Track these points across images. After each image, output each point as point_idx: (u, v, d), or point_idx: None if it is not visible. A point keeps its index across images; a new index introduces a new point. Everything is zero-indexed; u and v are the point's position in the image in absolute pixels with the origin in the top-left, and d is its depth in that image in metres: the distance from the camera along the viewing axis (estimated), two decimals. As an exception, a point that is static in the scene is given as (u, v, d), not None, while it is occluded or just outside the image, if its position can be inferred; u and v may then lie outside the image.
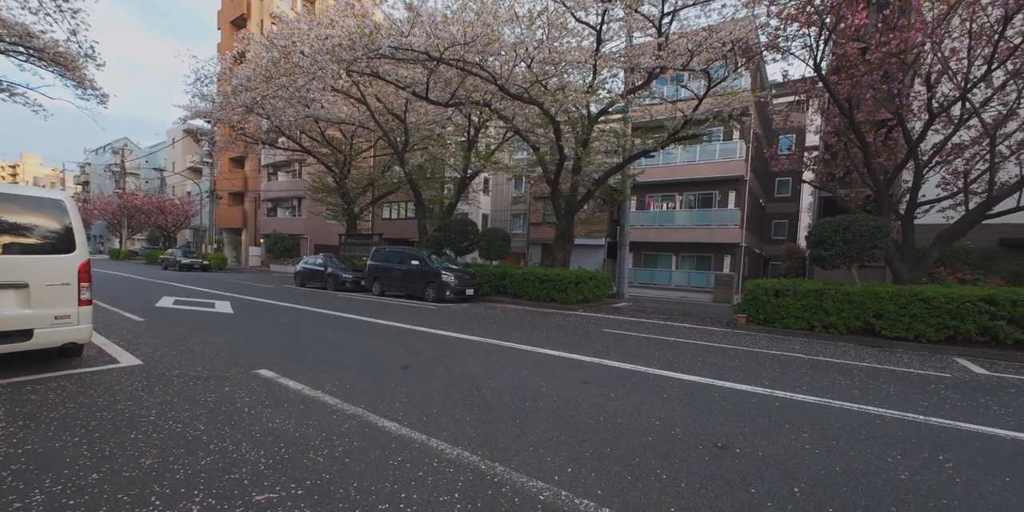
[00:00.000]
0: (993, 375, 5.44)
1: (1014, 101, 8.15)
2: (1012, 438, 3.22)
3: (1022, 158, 8.57)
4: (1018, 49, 7.19)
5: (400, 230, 28.00)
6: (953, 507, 2.23)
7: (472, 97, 10.69)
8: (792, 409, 3.73)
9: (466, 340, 6.40)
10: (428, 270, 12.45)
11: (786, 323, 8.58)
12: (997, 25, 7.11)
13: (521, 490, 2.25)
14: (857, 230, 8.19)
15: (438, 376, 4.38)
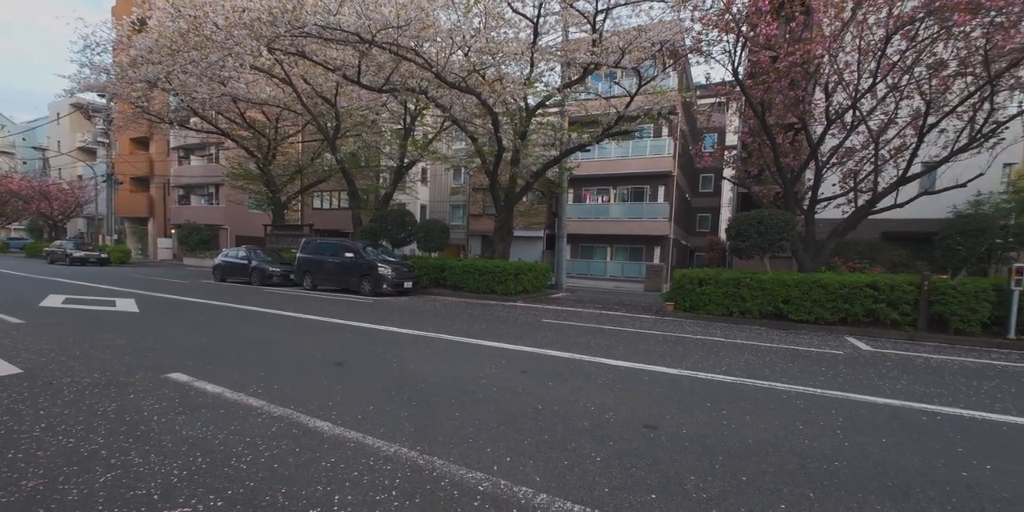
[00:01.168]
0: (876, 351, 6.24)
1: (892, 111, 9.29)
2: (887, 405, 3.72)
3: (899, 162, 9.82)
4: (895, 66, 8.20)
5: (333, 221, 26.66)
6: (843, 467, 2.54)
7: (408, 83, 10.34)
8: (713, 389, 4.04)
9: (404, 334, 6.25)
10: (364, 263, 11.99)
11: (709, 309, 9.26)
12: (880, 43, 8.04)
13: (460, 482, 2.24)
14: (769, 223, 8.98)
15: (375, 372, 4.24)
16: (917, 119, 9.09)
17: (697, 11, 8.12)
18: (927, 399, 3.90)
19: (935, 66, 8.28)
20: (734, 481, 2.34)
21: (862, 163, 10.47)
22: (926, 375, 4.82)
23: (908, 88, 8.82)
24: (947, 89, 8.60)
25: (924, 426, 3.23)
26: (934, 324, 7.63)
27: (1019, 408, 3.73)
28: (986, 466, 2.60)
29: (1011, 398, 4.03)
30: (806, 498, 2.20)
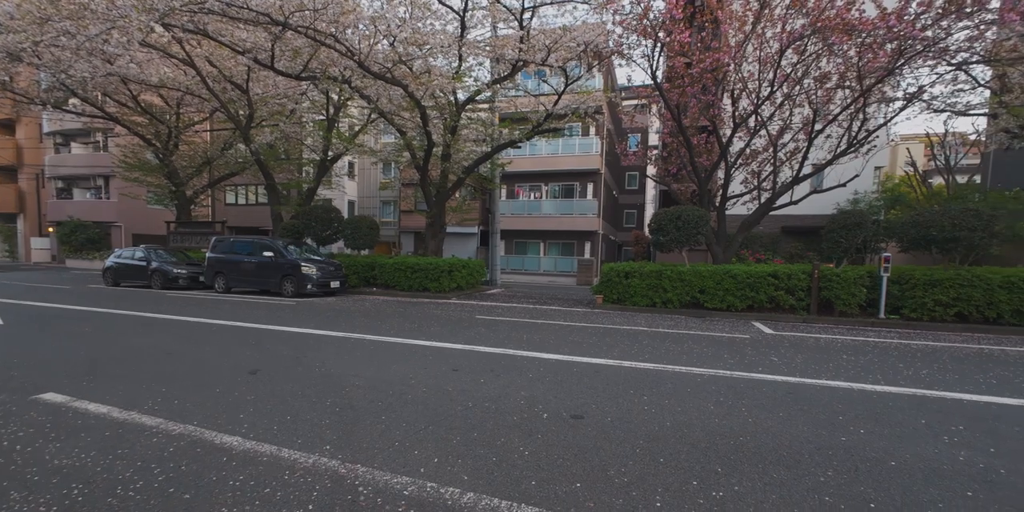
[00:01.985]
0: (777, 334, 6.93)
1: (788, 117, 10.34)
2: (784, 382, 4.14)
3: (793, 163, 10.94)
4: (788, 77, 9.12)
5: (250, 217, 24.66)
6: (747, 441, 2.77)
7: (329, 72, 9.75)
8: (636, 376, 4.25)
9: (330, 337, 5.92)
10: (285, 262, 11.21)
11: (635, 301, 9.76)
12: (776, 56, 8.89)
13: (384, 489, 2.15)
14: (686, 219, 9.63)
15: (294, 379, 3.97)
16: (807, 125, 10.17)
17: (617, 15, 8.46)
18: (816, 375, 4.38)
19: (820, 79, 9.32)
20: (653, 463, 2.47)
21: (764, 164, 11.55)
22: (816, 353, 5.43)
23: (800, 97, 9.86)
24: (830, 99, 9.72)
25: (813, 399, 3.63)
26: (823, 307, 8.63)
27: (887, 378, 4.31)
28: (860, 430, 2.97)
29: (880, 370, 4.66)
30: (715, 473, 2.37)
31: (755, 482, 2.28)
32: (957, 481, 2.31)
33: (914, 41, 7.98)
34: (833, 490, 2.21)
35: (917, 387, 3.99)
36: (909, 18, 7.77)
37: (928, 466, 2.47)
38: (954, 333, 7.33)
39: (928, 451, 2.66)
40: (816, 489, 2.22)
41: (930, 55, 8.41)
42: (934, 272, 7.97)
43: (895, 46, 8.14)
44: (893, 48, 8.18)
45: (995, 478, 2.35)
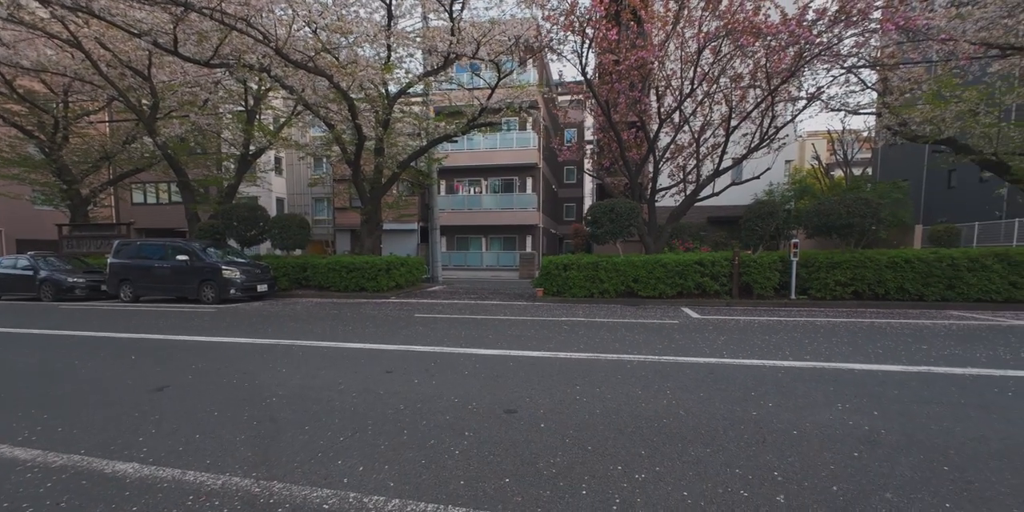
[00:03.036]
0: (702, 318, 7.38)
1: (708, 114, 10.99)
2: (706, 363, 4.40)
3: (714, 157, 11.67)
4: (707, 76, 9.68)
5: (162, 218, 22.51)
6: (669, 423, 2.91)
7: (245, 59, 9.02)
8: (570, 367, 4.34)
9: (253, 344, 5.52)
10: (204, 266, 10.32)
11: (574, 292, 9.99)
12: (695, 55, 9.40)
13: (302, 505, 2.02)
14: (619, 211, 9.97)
15: (208, 393, 3.65)
16: (725, 122, 10.87)
17: (545, 10, 8.54)
18: (734, 355, 4.71)
19: (734, 78, 9.97)
20: (581, 452, 2.52)
21: (688, 158, 12.22)
22: (736, 334, 5.84)
23: (718, 95, 10.50)
24: (744, 98, 10.44)
25: (731, 377, 3.89)
26: (743, 291, 9.32)
27: (794, 354, 4.72)
28: (769, 404, 3.22)
29: (789, 346, 5.09)
30: (639, 456, 2.46)
31: (675, 461, 2.39)
32: (846, 444, 2.56)
33: (812, 45, 8.74)
34: (743, 462, 2.37)
35: (818, 360, 4.40)
36: (807, 24, 8.49)
37: (824, 433, 2.72)
38: (851, 309, 8.20)
39: (824, 418, 2.93)
40: (729, 463, 2.37)
41: (825, 58, 9.25)
42: (834, 255, 8.85)
43: (796, 49, 8.87)
44: (795, 51, 8.91)
45: (877, 438, 2.63)
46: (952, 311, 7.81)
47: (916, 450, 2.47)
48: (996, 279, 8.00)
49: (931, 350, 4.81)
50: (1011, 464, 2.31)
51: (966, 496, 2.03)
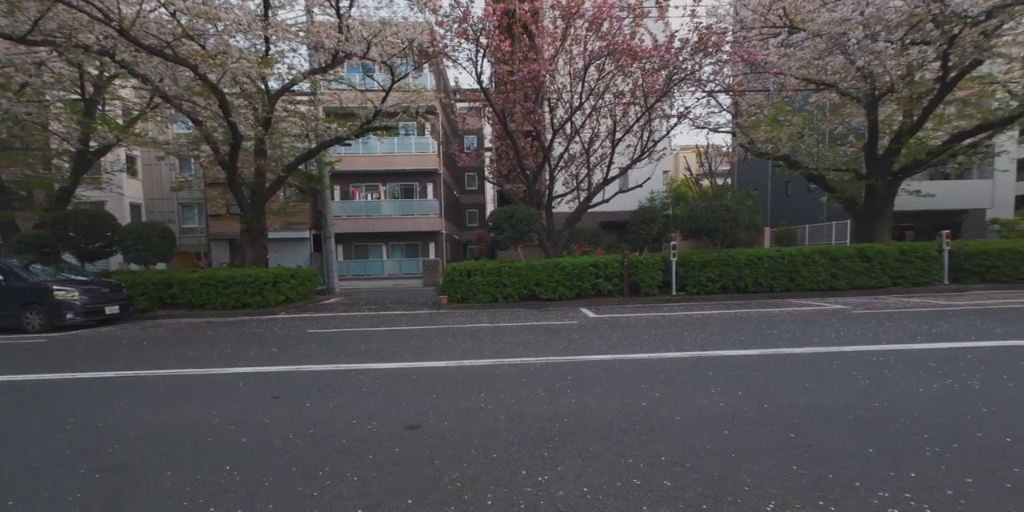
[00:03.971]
0: (599, 317, 7.86)
1: (596, 127, 11.84)
2: (601, 360, 4.68)
3: (603, 167, 12.56)
4: (593, 91, 10.42)
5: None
6: (570, 422, 3.02)
7: (79, 38, 7.58)
8: (475, 375, 4.31)
9: (98, 379, 4.61)
10: (25, 286, 8.43)
11: (478, 298, 10.01)
12: (582, 71, 10.08)
13: (160, 570, 1.70)
14: (519, 217, 10.25)
15: (30, 445, 2.95)
16: (611, 134, 11.80)
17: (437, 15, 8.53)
18: (626, 350, 5.08)
19: (617, 95, 10.88)
20: (486, 461, 2.50)
21: (580, 167, 13.03)
22: (627, 331, 6.31)
23: (604, 110, 11.36)
24: (626, 113, 11.43)
25: (623, 372, 4.18)
26: (633, 290, 10.13)
27: (676, 346, 5.23)
28: (656, 394, 3.51)
29: (672, 339, 5.64)
30: (542, 458, 2.51)
31: (575, 459, 2.48)
32: (719, 424, 2.88)
33: (679, 70, 9.88)
34: (635, 451, 2.54)
35: (695, 350, 4.94)
36: (674, 51, 9.58)
37: (701, 416, 3.04)
38: (720, 302, 9.36)
39: (701, 403, 3.28)
40: (623, 454, 2.52)
41: (690, 82, 10.52)
42: (705, 255, 10.05)
43: (667, 72, 9.96)
44: (666, 74, 9.99)
45: (741, 416, 3.00)
46: (793, 299, 9.32)
47: (770, 423, 2.87)
48: (822, 271, 9.74)
49: (780, 334, 5.67)
50: (839, 426, 2.79)
51: (807, 458, 2.39)
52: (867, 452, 2.43)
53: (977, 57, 9.63)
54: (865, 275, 9.76)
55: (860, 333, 5.54)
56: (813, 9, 10.25)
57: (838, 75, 10.88)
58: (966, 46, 9.07)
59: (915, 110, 10.93)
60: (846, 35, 9.32)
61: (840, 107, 12.86)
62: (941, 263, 9.87)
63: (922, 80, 10.52)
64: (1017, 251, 9.99)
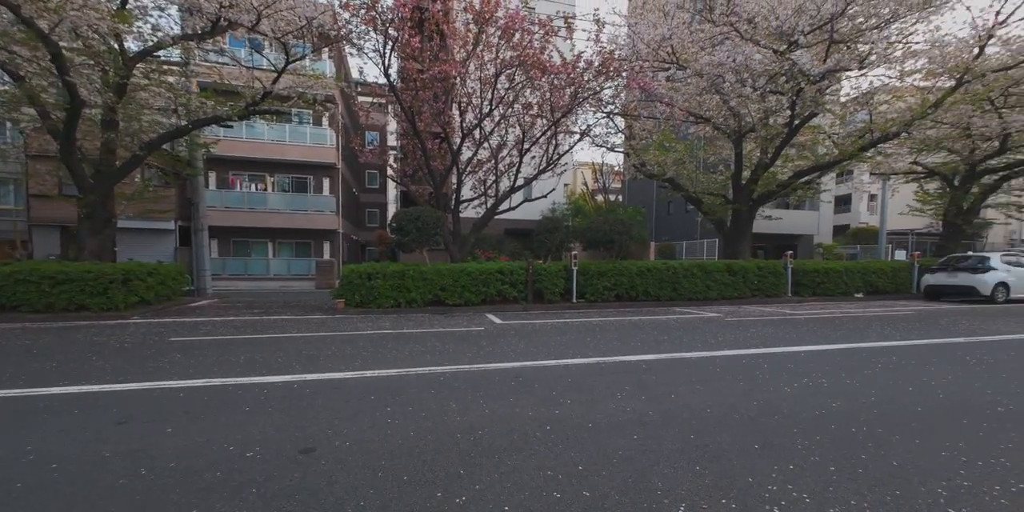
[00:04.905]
0: (505, 323, 7.87)
1: (504, 135, 12.01)
2: (511, 368, 4.64)
3: (511, 175, 12.77)
4: (503, 100, 10.54)
5: None
6: (484, 434, 2.89)
7: None
8: (379, 385, 3.98)
9: None
10: None
11: (379, 303, 9.43)
12: (492, 79, 10.14)
13: None
14: (425, 220, 9.94)
15: None
16: (519, 144, 12.05)
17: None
18: (535, 357, 5.11)
19: (526, 106, 11.14)
20: (395, 484, 2.26)
21: (488, 173, 13.10)
22: (534, 337, 6.39)
23: (512, 119, 11.57)
24: (534, 125, 11.76)
25: (534, 379, 4.18)
26: (537, 297, 10.37)
27: (581, 352, 5.41)
28: (568, 401, 3.54)
29: (577, 345, 5.82)
30: (458, 476, 2.34)
31: (493, 475, 2.36)
32: (627, 429, 2.99)
33: (583, 89, 10.42)
34: (552, 462, 2.50)
35: (599, 356, 5.15)
36: (580, 70, 10.08)
37: (611, 421, 3.12)
38: (616, 309, 10.00)
39: (610, 408, 3.38)
40: (540, 466, 2.46)
41: (592, 102, 11.19)
42: (602, 265, 10.69)
43: (572, 90, 10.45)
44: (571, 92, 10.48)
45: (646, 420, 3.15)
46: (676, 307, 10.33)
47: (672, 426, 3.05)
48: (699, 283, 10.97)
49: (670, 340, 6.19)
50: (729, 425, 3.06)
51: (706, 456, 2.57)
52: (754, 448, 2.68)
53: (813, 110, 11.74)
54: (732, 287, 11.21)
55: (733, 338, 6.28)
56: (696, 51, 11.65)
57: (713, 112, 12.46)
58: (807, 100, 10.99)
59: (769, 148, 12.95)
60: (722, 78, 10.71)
61: (714, 140, 14.72)
62: (786, 279, 11.75)
63: (775, 124, 12.51)
64: (837, 271, 12.31)
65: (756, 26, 10.64)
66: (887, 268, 13.00)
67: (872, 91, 13.82)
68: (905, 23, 10.35)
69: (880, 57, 10.61)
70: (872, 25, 10.12)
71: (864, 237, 25.74)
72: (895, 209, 19.87)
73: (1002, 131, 12.41)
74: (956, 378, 4.24)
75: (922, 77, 12.19)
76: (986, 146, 13.90)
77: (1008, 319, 8.34)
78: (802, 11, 9.91)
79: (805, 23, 9.93)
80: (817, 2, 9.68)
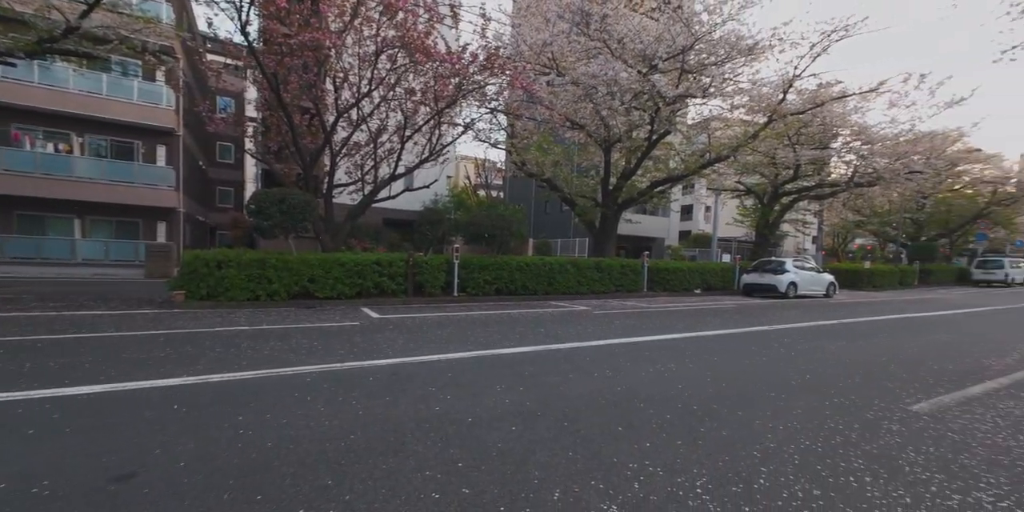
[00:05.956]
0: (383, 317, 7.46)
1: (384, 119, 11.36)
2: (388, 365, 4.40)
3: (391, 162, 12.13)
4: (384, 81, 9.94)
5: None
6: (357, 438, 2.67)
7: None
8: (229, 391, 3.44)
9: None
10: None
11: (231, 295, 8.21)
12: (372, 57, 9.49)
13: None
14: (291, 203, 8.91)
15: None
16: (400, 130, 11.50)
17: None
18: (414, 352, 4.93)
19: (409, 91, 10.67)
20: (246, 504, 1.96)
21: (366, 158, 12.29)
22: (413, 332, 6.17)
23: (394, 103, 10.99)
24: (417, 112, 11.32)
25: (413, 376, 4.02)
26: (417, 290, 10.06)
27: (462, 346, 5.37)
28: (448, 397, 3.48)
29: (458, 339, 5.77)
30: (326, 487, 2.12)
31: (366, 483, 2.19)
32: (507, 421, 3.04)
33: (468, 82, 10.33)
34: (432, 461, 2.42)
35: (480, 349, 5.18)
36: (465, 63, 9.94)
37: (491, 415, 3.14)
38: (496, 302, 10.21)
39: (490, 401, 3.41)
40: (419, 466, 2.36)
41: (477, 96, 11.18)
42: (483, 259, 10.82)
43: (457, 81, 10.28)
44: (456, 83, 10.30)
45: (524, 410, 3.24)
46: (552, 301, 10.94)
47: (548, 413, 3.19)
48: (571, 279, 11.79)
49: (546, 332, 6.51)
50: (597, 410, 3.30)
51: (578, 441, 2.74)
52: (618, 430, 2.94)
53: (668, 128, 13.43)
54: (599, 283, 12.29)
55: (601, 330, 6.86)
56: (574, 60, 12.43)
57: (587, 120, 13.44)
58: (663, 118, 12.52)
59: (632, 159, 14.47)
60: (595, 89, 11.60)
61: (587, 146, 15.92)
62: (643, 276, 13.29)
63: (637, 137, 14.02)
64: (682, 270, 14.33)
65: (624, 46, 11.73)
66: (718, 269, 15.54)
67: (710, 118, 16.35)
68: (736, 64, 12.38)
69: (717, 90, 12.54)
70: (712, 62, 11.90)
71: (702, 242, 30.40)
72: (725, 219, 23.86)
73: (795, 162, 15.69)
74: (768, 359, 5.22)
75: (745, 111, 14.77)
76: (784, 173, 17.44)
77: (797, 311, 10.60)
78: (661, 40, 11.22)
79: (663, 50, 11.26)
80: (673, 34, 11.04)
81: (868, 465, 2.57)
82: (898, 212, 25.68)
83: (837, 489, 2.30)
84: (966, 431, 3.15)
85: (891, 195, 22.05)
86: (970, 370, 4.95)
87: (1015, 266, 24.26)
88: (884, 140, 16.23)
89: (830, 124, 14.67)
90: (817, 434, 3.00)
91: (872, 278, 19.21)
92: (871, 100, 14.68)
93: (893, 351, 5.90)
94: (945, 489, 2.34)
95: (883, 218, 27.22)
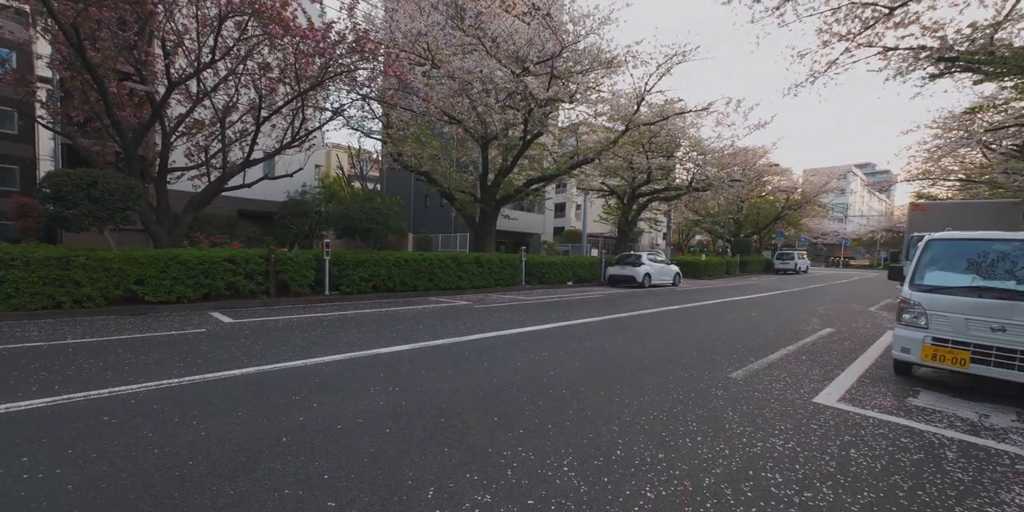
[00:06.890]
0: (237, 322, 6.54)
1: (234, 96, 9.94)
2: (244, 375, 3.88)
3: (244, 145, 10.66)
4: (231, 51, 8.66)
5: None
6: (197, 465, 2.31)
7: None
8: (18, 424, 2.68)
9: None
10: None
11: (18, 303, 6.41)
12: (216, 22, 8.18)
13: None
14: (106, 188, 7.29)
15: None
16: (255, 109, 10.14)
17: None
18: (276, 359, 4.41)
19: (264, 67, 9.47)
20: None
21: (212, 139, 10.62)
22: (275, 337, 5.53)
23: (245, 78, 9.64)
24: (274, 91, 10.07)
25: (274, 385, 3.60)
26: (281, 290, 9.03)
27: (333, 348, 4.98)
28: (315, 404, 3.19)
29: (328, 341, 5.34)
30: (154, 530, 1.78)
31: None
32: (380, 424, 2.90)
33: (335, 63, 9.51)
34: (291, 477, 2.20)
35: (352, 351, 4.86)
36: (331, 42, 9.07)
37: (363, 419, 2.97)
38: (373, 300, 9.68)
39: (362, 406, 3.21)
40: (275, 486, 2.13)
41: (346, 80, 10.39)
42: (358, 255, 10.17)
43: (323, 61, 9.38)
44: (321, 63, 9.39)
45: (399, 411, 3.13)
46: (432, 297, 10.76)
47: (424, 412, 3.13)
48: (452, 274, 11.74)
49: (425, 328, 6.38)
50: (473, 404, 3.34)
51: (454, 437, 2.74)
52: (494, 421, 3.01)
53: (540, 129, 14.15)
54: (480, 277, 12.46)
55: (480, 323, 6.96)
56: (450, 54, 12.34)
57: (464, 115, 13.47)
58: (536, 119, 13.15)
59: (509, 156, 14.94)
60: (471, 84, 11.68)
61: (465, 141, 15.97)
62: (521, 270, 13.84)
63: (513, 136, 14.51)
64: (556, 264, 15.29)
65: (499, 46, 12.00)
66: (587, 262, 16.93)
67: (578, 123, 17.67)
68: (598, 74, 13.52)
69: (583, 96, 13.58)
70: (578, 70, 12.85)
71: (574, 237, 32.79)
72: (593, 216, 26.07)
73: (648, 167, 17.82)
74: (624, 342, 5.84)
75: (607, 119, 16.28)
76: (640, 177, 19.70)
77: (651, 298, 12.06)
78: (532, 44, 11.74)
79: (535, 54, 11.80)
80: (542, 39, 11.64)
81: (700, 427, 3.04)
82: (724, 213, 30.89)
83: (676, 450, 2.67)
84: (768, 390, 3.93)
85: (719, 199, 26.44)
86: (770, 342, 6.17)
87: (801, 258, 32.22)
88: (714, 152, 19.32)
89: (674, 135, 16.95)
90: (663, 405, 3.45)
91: (707, 269, 22.79)
92: (703, 117, 17.32)
93: (720, 330, 7.08)
94: (752, 438, 2.88)
95: (714, 218, 32.46)
